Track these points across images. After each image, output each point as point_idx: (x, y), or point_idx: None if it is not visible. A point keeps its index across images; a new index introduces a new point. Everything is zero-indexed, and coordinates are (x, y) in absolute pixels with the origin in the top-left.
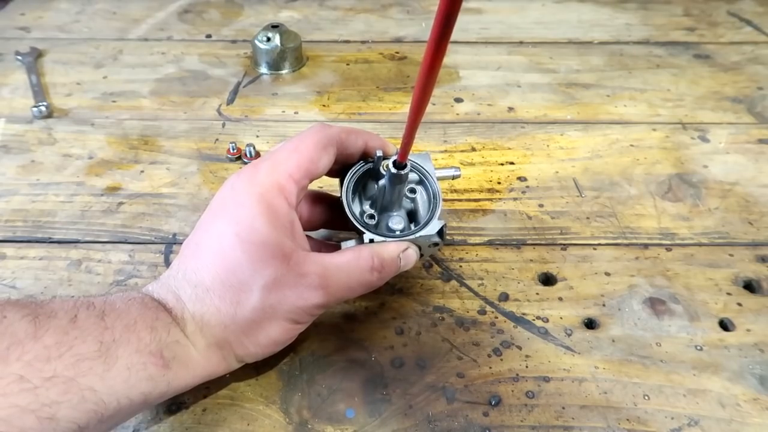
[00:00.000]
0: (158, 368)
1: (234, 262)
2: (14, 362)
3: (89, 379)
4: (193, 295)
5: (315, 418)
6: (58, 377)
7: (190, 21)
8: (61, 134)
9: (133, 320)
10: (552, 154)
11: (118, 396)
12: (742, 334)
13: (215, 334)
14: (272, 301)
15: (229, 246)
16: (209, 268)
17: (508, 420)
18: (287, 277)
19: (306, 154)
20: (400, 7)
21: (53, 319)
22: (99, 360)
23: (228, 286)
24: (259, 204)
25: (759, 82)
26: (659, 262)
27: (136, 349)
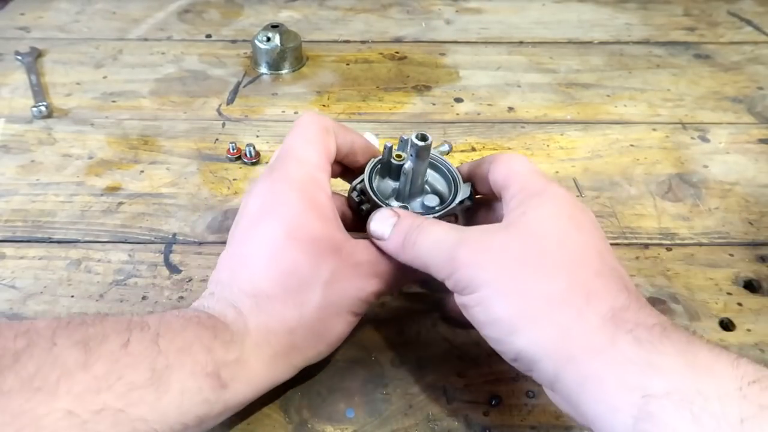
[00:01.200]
0: (214, 390)
1: (291, 263)
2: (63, 396)
3: (140, 409)
4: (254, 305)
5: (315, 418)
6: (107, 410)
7: (190, 21)
8: (61, 134)
9: (189, 342)
10: (552, 154)
11: (171, 423)
12: (743, 334)
13: (282, 342)
14: (334, 296)
15: (283, 247)
16: (266, 274)
17: (508, 420)
18: (344, 270)
19: (319, 142)
20: (400, 7)
21: (104, 345)
22: (151, 388)
23: (289, 290)
24: (302, 200)
25: (759, 82)
26: (659, 262)
27: (191, 373)
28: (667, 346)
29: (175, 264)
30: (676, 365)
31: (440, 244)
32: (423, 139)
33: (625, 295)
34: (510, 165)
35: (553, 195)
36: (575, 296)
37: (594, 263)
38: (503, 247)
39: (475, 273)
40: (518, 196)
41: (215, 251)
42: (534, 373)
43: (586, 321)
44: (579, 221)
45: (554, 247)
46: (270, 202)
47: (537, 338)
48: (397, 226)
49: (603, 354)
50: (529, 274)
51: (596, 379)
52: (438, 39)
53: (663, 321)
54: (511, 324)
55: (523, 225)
